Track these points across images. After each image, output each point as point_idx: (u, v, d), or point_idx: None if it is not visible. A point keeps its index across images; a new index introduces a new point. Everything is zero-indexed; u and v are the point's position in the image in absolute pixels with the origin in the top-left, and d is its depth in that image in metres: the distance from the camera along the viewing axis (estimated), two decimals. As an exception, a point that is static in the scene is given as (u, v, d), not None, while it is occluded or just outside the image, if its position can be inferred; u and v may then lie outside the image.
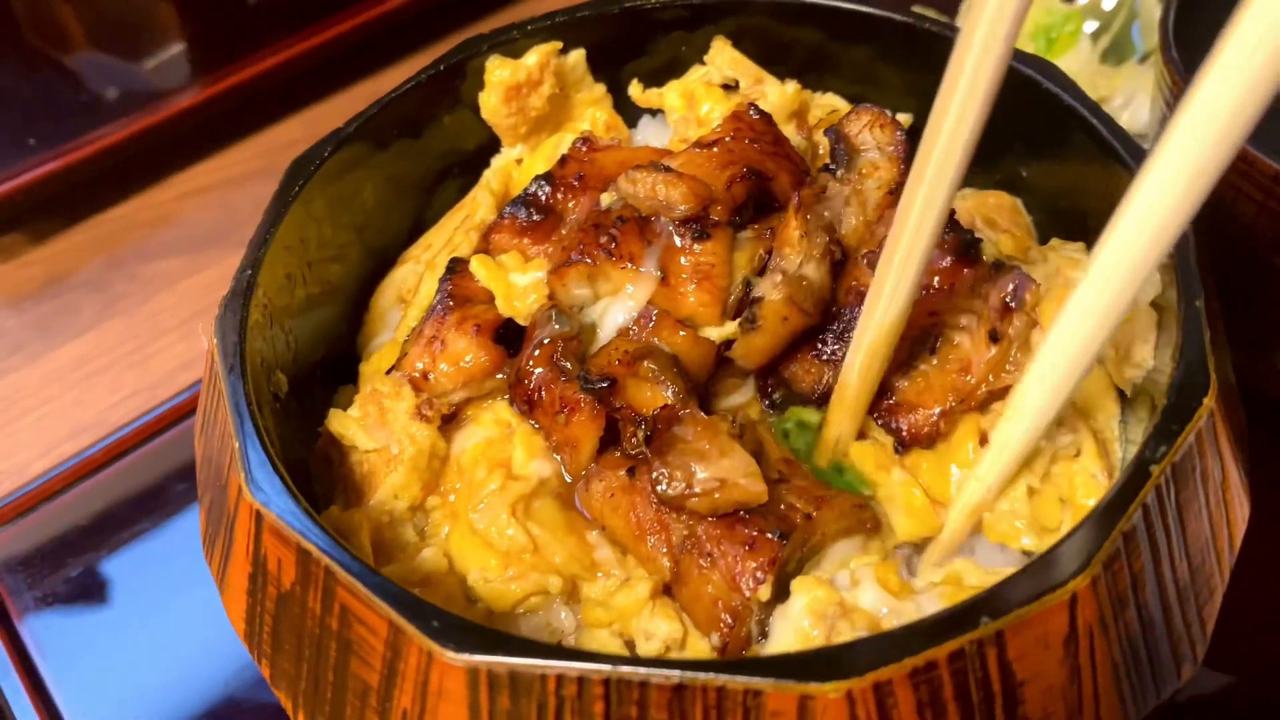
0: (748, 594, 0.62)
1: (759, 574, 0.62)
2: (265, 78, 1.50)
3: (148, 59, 1.60)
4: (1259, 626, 0.89)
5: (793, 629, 0.60)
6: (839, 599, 0.60)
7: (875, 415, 0.69)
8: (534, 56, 0.87)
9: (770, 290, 0.69)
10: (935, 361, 0.67)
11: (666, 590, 0.67)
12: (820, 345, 0.72)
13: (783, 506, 0.65)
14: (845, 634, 0.59)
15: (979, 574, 0.64)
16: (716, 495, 0.63)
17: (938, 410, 0.67)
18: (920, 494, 0.67)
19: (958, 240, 0.70)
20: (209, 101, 1.47)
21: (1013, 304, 0.67)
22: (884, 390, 0.68)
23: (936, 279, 0.70)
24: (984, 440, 0.68)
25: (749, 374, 0.75)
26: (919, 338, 0.68)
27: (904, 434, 0.67)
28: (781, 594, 0.64)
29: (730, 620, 0.62)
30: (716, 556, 0.63)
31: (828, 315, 0.72)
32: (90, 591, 1.05)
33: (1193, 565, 0.62)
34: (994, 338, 0.66)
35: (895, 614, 0.60)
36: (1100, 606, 0.56)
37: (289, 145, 1.47)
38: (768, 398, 0.74)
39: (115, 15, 1.65)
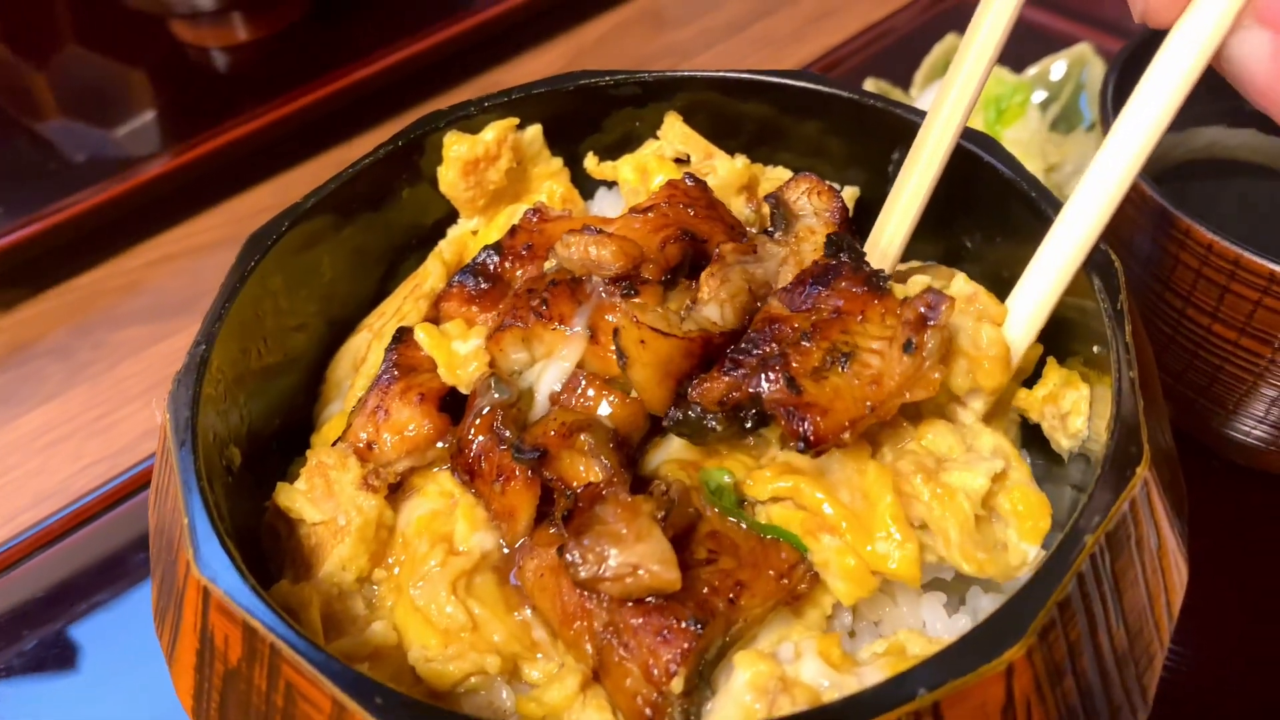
0: (661, 686, 0.61)
1: (671, 666, 0.60)
2: (235, 146, 1.51)
3: (118, 127, 1.61)
4: (1204, 689, 0.89)
5: (735, 704, 0.60)
6: (781, 673, 0.60)
7: (783, 412, 0.67)
8: (491, 132, 0.88)
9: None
10: (846, 374, 0.67)
11: (599, 677, 0.65)
12: (726, 365, 0.70)
13: (705, 590, 0.63)
14: (786, 708, 0.59)
15: (922, 643, 0.65)
16: (628, 580, 0.61)
17: (846, 416, 0.66)
18: (854, 560, 0.66)
19: (866, 274, 0.70)
20: (178, 169, 1.49)
21: (929, 317, 0.67)
22: (793, 389, 0.67)
23: (848, 303, 0.70)
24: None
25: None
26: (830, 349, 0.68)
27: (810, 435, 0.65)
28: (704, 683, 0.63)
29: (650, 713, 0.61)
30: (633, 646, 0.62)
31: (730, 339, 0.72)
32: (47, 663, 1.04)
33: (1131, 632, 0.62)
34: (908, 348, 0.66)
35: (836, 687, 0.60)
36: (1037, 676, 0.56)
37: (258, 213, 1.48)
38: (671, 423, 0.71)
39: (87, 83, 1.68)
